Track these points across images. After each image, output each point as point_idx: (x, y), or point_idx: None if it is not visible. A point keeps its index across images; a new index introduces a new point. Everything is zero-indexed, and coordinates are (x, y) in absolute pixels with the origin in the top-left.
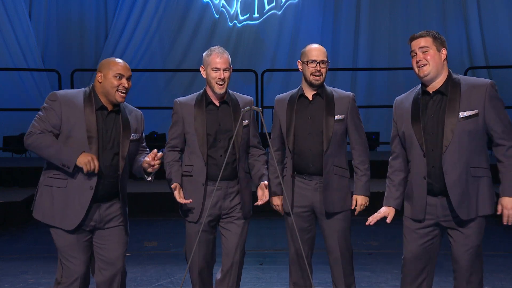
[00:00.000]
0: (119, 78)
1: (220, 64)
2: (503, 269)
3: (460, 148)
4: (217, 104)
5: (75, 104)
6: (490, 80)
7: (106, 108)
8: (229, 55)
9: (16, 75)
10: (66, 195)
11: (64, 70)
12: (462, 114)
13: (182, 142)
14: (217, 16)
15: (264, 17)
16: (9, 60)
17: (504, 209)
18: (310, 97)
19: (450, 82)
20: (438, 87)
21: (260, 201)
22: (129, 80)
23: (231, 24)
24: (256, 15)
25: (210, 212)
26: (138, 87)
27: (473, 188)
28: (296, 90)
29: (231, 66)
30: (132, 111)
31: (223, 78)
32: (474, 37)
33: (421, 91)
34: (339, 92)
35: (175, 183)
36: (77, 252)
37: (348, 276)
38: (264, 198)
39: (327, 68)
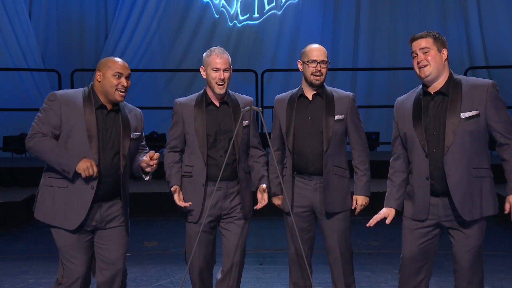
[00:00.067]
0: (118, 77)
1: (220, 65)
2: (503, 269)
3: (462, 149)
4: (217, 105)
5: (75, 104)
6: (491, 81)
7: (106, 107)
8: (229, 56)
9: (16, 75)
10: (68, 195)
11: (64, 70)
12: (464, 115)
13: (182, 143)
14: (217, 16)
15: (264, 17)
16: (9, 60)
17: None
18: (310, 97)
19: (451, 83)
20: (439, 88)
21: (259, 205)
22: (128, 79)
23: (231, 24)
24: (256, 15)
25: (210, 213)
26: (138, 87)
27: (476, 189)
28: (296, 90)
29: (231, 67)
30: (132, 110)
31: (223, 79)
32: (474, 37)
33: (422, 92)
34: (339, 92)
35: (175, 186)
36: (78, 253)
37: (348, 276)
38: (264, 202)
39: (327, 68)
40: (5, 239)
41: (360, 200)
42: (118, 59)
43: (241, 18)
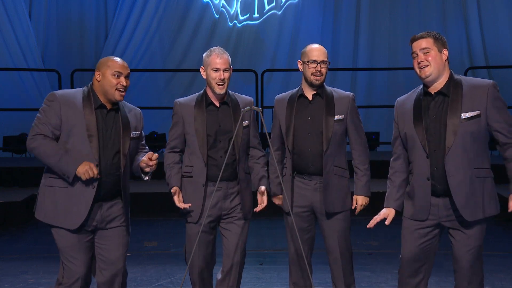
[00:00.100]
0: (117, 77)
1: (220, 65)
2: (503, 269)
3: (463, 150)
4: (217, 105)
5: (74, 104)
6: (492, 81)
7: (105, 107)
8: (229, 56)
9: (16, 75)
10: (69, 195)
11: (64, 70)
12: (465, 115)
13: (183, 143)
14: (217, 16)
15: (264, 17)
16: (9, 60)
17: None
18: (310, 97)
19: (452, 83)
20: (440, 88)
21: (259, 207)
22: (128, 79)
23: (231, 24)
24: (256, 15)
25: (210, 213)
26: (138, 87)
27: (478, 189)
28: (296, 90)
29: (231, 67)
30: (131, 110)
31: (223, 79)
32: (474, 37)
33: (423, 92)
34: (339, 92)
35: (175, 187)
36: (78, 253)
37: (348, 276)
38: (263, 204)
39: (328, 69)
40: (5, 239)
41: (360, 200)
42: (117, 59)
43: (241, 18)
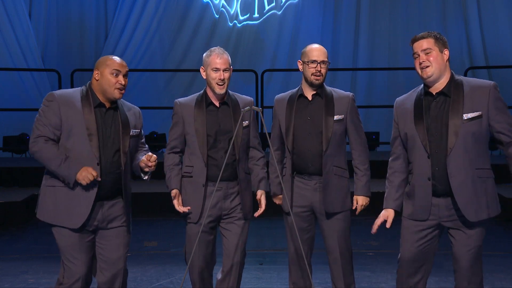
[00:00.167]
0: (116, 75)
1: (220, 65)
2: (503, 269)
3: (465, 150)
4: (217, 105)
5: (73, 103)
6: (493, 82)
7: (104, 106)
8: (229, 56)
9: (16, 75)
10: (70, 194)
11: (64, 70)
12: (466, 116)
13: (183, 143)
14: (217, 16)
15: (264, 17)
16: (9, 60)
17: None
18: (310, 97)
19: (453, 84)
20: (441, 88)
21: (259, 211)
22: (126, 77)
23: (231, 24)
24: (256, 15)
25: (210, 213)
26: (138, 87)
27: (480, 190)
28: (296, 90)
29: (231, 67)
30: (130, 108)
31: (223, 79)
32: (474, 37)
33: (424, 92)
34: (339, 92)
35: (175, 190)
36: (79, 253)
37: (348, 276)
38: (261, 209)
39: (328, 69)
40: (5, 239)
41: (361, 201)
42: (116, 57)
43: (241, 18)
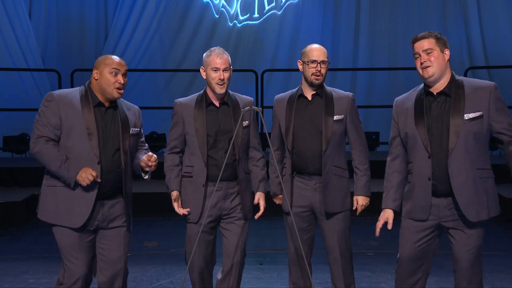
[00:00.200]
0: (115, 74)
1: (220, 64)
2: (503, 269)
3: (466, 150)
4: (217, 105)
5: (72, 103)
6: (493, 83)
7: (104, 105)
8: (229, 56)
9: (16, 75)
10: (71, 194)
11: (64, 70)
12: (467, 116)
13: (183, 143)
14: (217, 16)
15: (264, 17)
16: (9, 60)
17: None
18: (309, 97)
19: (454, 84)
20: (442, 88)
21: (258, 215)
22: (125, 76)
23: (231, 24)
24: (256, 15)
25: (210, 213)
26: (138, 87)
27: (481, 190)
28: (296, 90)
29: (231, 67)
30: (130, 107)
31: (223, 79)
32: (474, 37)
33: (424, 92)
34: (338, 92)
35: (175, 192)
36: (79, 253)
37: (348, 276)
38: (260, 212)
39: (328, 69)
40: (5, 239)
41: (361, 201)
42: (115, 57)
43: (241, 18)
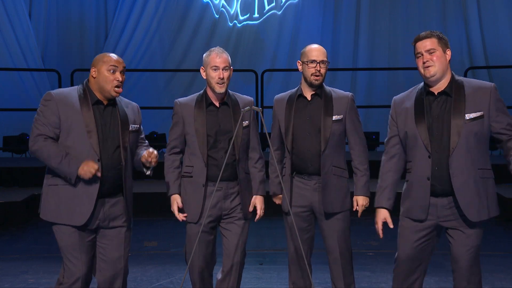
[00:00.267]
0: (113, 72)
1: (219, 63)
2: (503, 269)
3: (467, 150)
4: (217, 105)
5: (71, 102)
6: (493, 83)
7: (102, 103)
8: (229, 56)
9: (16, 75)
10: (72, 192)
11: (64, 70)
12: (468, 116)
13: (183, 143)
14: (217, 16)
15: (264, 17)
16: (9, 60)
17: None
18: (309, 97)
19: (454, 84)
20: (443, 88)
21: (256, 218)
22: (123, 74)
23: (231, 24)
24: (256, 15)
25: (210, 213)
26: (138, 87)
27: (482, 190)
28: (295, 90)
29: (231, 68)
30: (128, 104)
31: (223, 77)
32: (474, 37)
33: (425, 92)
34: (338, 92)
35: (175, 196)
36: (79, 253)
37: (348, 276)
38: (258, 216)
39: (327, 69)
40: (5, 239)
41: (361, 201)
42: (112, 54)
43: (241, 18)
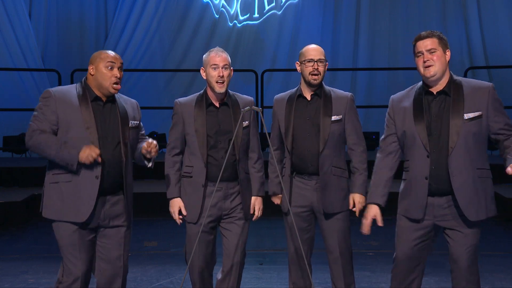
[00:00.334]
0: (111, 68)
1: (219, 61)
2: (503, 269)
3: (466, 150)
4: (217, 105)
5: (70, 99)
6: (491, 83)
7: (101, 99)
8: (229, 56)
9: (16, 75)
10: (74, 188)
11: (64, 70)
12: (467, 116)
13: (183, 143)
14: (217, 16)
15: (264, 17)
16: (9, 60)
17: None
18: (309, 97)
19: (452, 84)
20: (442, 88)
21: (254, 218)
22: (121, 70)
23: (231, 24)
24: (256, 15)
25: (210, 213)
26: (138, 87)
27: (481, 190)
28: (295, 90)
29: (232, 68)
30: (127, 100)
31: (222, 76)
32: (474, 37)
33: (424, 91)
34: (337, 92)
35: (176, 199)
36: (79, 252)
37: (348, 276)
38: (256, 217)
39: (325, 68)
40: (5, 239)
41: (357, 198)
42: (109, 51)
43: (241, 18)
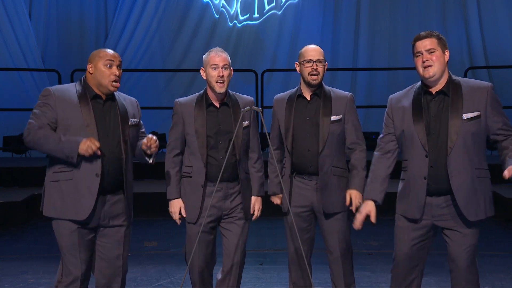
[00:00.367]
0: (110, 66)
1: (219, 61)
2: (503, 269)
3: (465, 150)
4: (217, 106)
5: (69, 97)
6: (490, 83)
7: (101, 97)
8: (228, 56)
9: (16, 75)
10: (74, 186)
11: (64, 70)
12: (466, 116)
13: (183, 143)
14: (217, 16)
15: (264, 17)
16: (9, 60)
17: None
18: (308, 97)
19: (451, 84)
20: (441, 88)
21: (253, 218)
22: (120, 68)
23: (231, 24)
24: (256, 15)
25: (210, 213)
26: (138, 87)
27: (479, 190)
28: (295, 90)
29: (231, 68)
30: (127, 99)
31: (222, 75)
32: (474, 37)
33: (422, 91)
34: (337, 92)
35: (177, 200)
36: (79, 251)
37: (348, 276)
38: (255, 217)
39: (325, 68)
40: (5, 239)
41: (354, 194)
42: (108, 49)
43: (241, 18)
